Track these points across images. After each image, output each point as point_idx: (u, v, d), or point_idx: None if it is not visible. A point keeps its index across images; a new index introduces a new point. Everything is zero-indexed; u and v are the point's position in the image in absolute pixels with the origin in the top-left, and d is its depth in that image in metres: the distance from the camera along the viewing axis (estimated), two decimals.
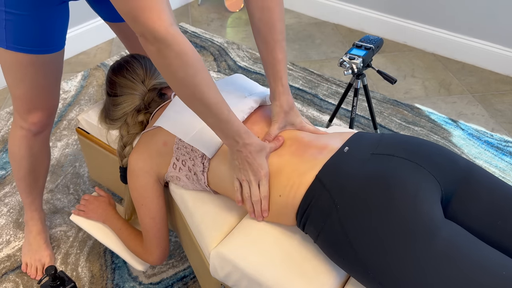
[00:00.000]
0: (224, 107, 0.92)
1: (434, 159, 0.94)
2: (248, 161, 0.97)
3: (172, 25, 0.81)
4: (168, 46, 0.81)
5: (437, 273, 0.80)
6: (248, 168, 0.98)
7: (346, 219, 0.88)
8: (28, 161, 1.36)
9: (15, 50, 1.12)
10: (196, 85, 0.86)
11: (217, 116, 0.92)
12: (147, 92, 1.24)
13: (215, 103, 0.90)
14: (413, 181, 0.89)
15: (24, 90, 1.20)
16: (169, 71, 0.85)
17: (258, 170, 0.98)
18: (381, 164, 0.92)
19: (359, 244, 0.86)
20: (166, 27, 0.80)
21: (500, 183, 0.95)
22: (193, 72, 0.85)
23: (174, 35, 0.81)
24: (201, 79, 0.86)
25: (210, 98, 0.89)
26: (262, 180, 0.99)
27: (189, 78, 0.85)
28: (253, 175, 0.98)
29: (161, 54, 0.82)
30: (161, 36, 0.80)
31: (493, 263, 0.80)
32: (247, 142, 0.96)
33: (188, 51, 0.83)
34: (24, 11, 1.08)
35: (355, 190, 0.89)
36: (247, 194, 1.01)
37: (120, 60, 1.28)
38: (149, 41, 0.82)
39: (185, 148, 1.10)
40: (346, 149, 0.98)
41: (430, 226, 0.83)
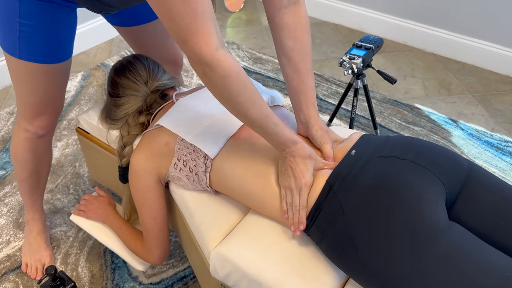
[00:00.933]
0: (270, 121, 0.94)
1: (439, 161, 0.94)
2: (292, 166, 0.97)
3: (218, 49, 0.85)
4: (213, 70, 0.85)
5: (441, 277, 0.80)
6: (290, 174, 0.97)
7: (352, 222, 0.88)
8: (32, 163, 1.36)
9: (28, 60, 1.13)
10: (240, 104, 0.90)
11: (263, 129, 0.95)
12: (150, 94, 1.24)
13: (259, 119, 0.93)
14: (418, 184, 0.89)
15: (36, 98, 1.22)
16: (215, 91, 0.90)
17: (299, 177, 0.96)
18: (387, 167, 0.92)
19: (364, 248, 0.86)
20: (212, 53, 0.84)
21: (502, 184, 0.95)
22: (237, 93, 0.88)
23: (220, 60, 0.85)
24: (245, 98, 0.90)
25: (254, 115, 0.92)
26: (302, 189, 0.96)
27: (232, 98, 0.89)
28: (294, 182, 0.97)
29: (207, 76, 0.87)
30: (207, 61, 0.84)
31: (496, 265, 0.80)
32: (292, 148, 0.97)
33: (232, 74, 0.87)
34: (37, 22, 1.09)
35: (361, 193, 0.90)
36: (288, 203, 0.99)
37: (122, 61, 1.27)
38: (196, 63, 0.86)
39: (187, 148, 1.10)
40: (353, 152, 0.99)
41: (435, 229, 0.83)
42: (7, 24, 1.09)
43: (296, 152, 0.96)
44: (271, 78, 2.44)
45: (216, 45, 0.84)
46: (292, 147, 0.96)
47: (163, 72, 1.27)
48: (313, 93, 1.10)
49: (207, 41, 0.83)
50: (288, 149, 0.97)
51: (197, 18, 0.82)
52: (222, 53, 0.85)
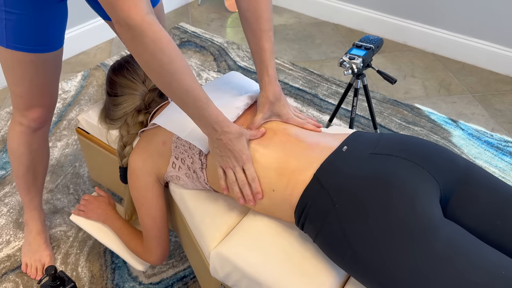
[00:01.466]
0: (202, 94, 0.92)
1: (433, 159, 0.94)
2: (229, 148, 0.98)
3: (148, 13, 0.82)
4: (143, 33, 0.82)
5: (435, 273, 0.80)
6: (230, 154, 0.99)
7: (345, 219, 0.88)
8: (28, 158, 1.36)
9: (15, 49, 1.13)
10: (172, 73, 0.87)
11: (195, 103, 0.92)
12: (148, 92, 1.24)
13: (192, 90, 0.90)
14: (412, 181, 0.89)
15: (24, 88, 1.21)
16: (144, 59, 0.86)
17: (240, 155, 0.99)
18: (380, 164, 0.92)
19: (358, 244, 0.86)
20: (142, 16, 0.81)
21: (499, 183, 0.95)
22: (168, 60, 0.85)
23: (150, 23, 0.82)
24: (177, 67, 0.87)
25: (187, 85, 0.89)
26: (245, 164, 0.99)
27: (164, 66, 0.86)
28: (235, 160, 0.99)
29: (136, 42, 0.83)
30: (136, 24, 0.81)
31: (492, 263, 0.80)
32: (226, 130, 0.97)
33: (163, 39, 0.84)
34: (23, 11, 1.08)
35: (354, 190, 0.89)
36: (232, 180, 1.01)
37: (120, 60, 1.28)
38: (124, 28, 0.83)
39: (183, 146, 1.10)
40: (345, 148, 0.98)
41: (429, 226, 0.83)
42: None
43: (230, 133, 0.97)
44: None
45: (146, 9, 0.82)
46: (224, 127, 0.96)
47: None
48: (267, 55, 1.08)
49: (136, 3, 0.81)
50: (220, 129, 0.96)
51: None
52: (152, 17, 0.83)
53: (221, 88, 1.21)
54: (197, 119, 0.97)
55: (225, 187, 1.04)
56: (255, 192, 1.01)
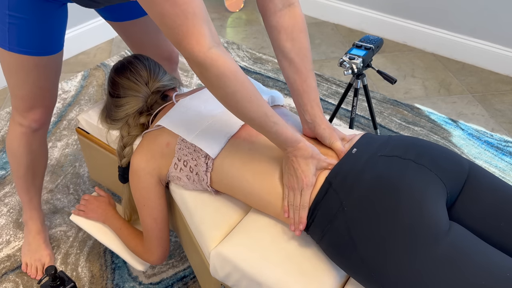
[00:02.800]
0: (269, 120, 0.93)
1: (440, 161, 0.94)
2: (294, 166, 0.97)
3: (211, 48, 0.85)
4: (207, 69, 0.86)
5: (441, 276, 0.80)
6: (293, 174, 0.97)
7: (353, 221, 0.88)
8: (28, 158, 1.37)
9: (18, 52, 1.14)
10: (237, 102, 0.90)
11: (262, 128, 0.95)
12: (151, 95, 1.24)
13: (258, 117, 0.93)
14: (419, 184, 0.89)
15: (26, 91, 1.22)
16: (212, 90, 0.90)
17: (301, 177, 0.95)
18: (388, 167, 0.92)
19: (364, 246, 0.86)
20: (205, 52, 0.84)
21: (503, 184, 0.95)
22: (232, 91, 0.89)
23: (213, 59, 0.85)
24: (241, 97, 0.90)
25: (252, 113, 0.92)
26: (304, 189, 0.95)
27: (229, 96, 0.90)
28: (296, 182, 0.96)
29: (203, 76, 0.88)
30: (200, 61, 0.85)
31: (496, 265, 0.80)
32: (295, 149, 0.96)
33: (227, 73, 0.87)
34: (26, 14, 1.10)
35: (363, 192, 0.90)
36: (290, 203, 0.98)
37: (123, 61, 1.27)
38: (192, 64, 0.87)
39: (188, 148, 1.10)
40: (354, 150, 0.99)
41: (435, 230, 0.83)
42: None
43: (298, 152, 0.96)
44: (271, 78, 2.44)
45: (209, 44, 0.84)
46: (294, 147, 0.96)
47: (164, 73, 1.27)
48: (316, 93, 1.09)
49: (198, 41, 0.83)
50: (290, 149, 0.96)
51: (187, 18, 0.82)
52: (216, 52, 0.85)
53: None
54: (268, 138, 0.98)
55: (286, 209, 0.99)
56: (299, 221, 0.96)
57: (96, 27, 2.71)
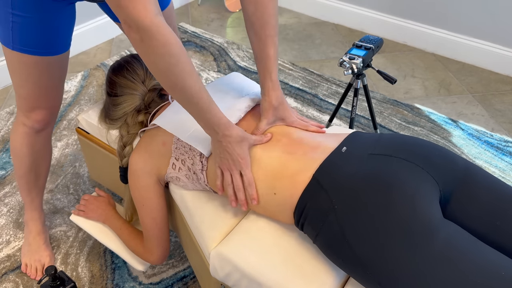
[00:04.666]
0: (205, 96, 0.93)
1: (432, 159, 0.94)
2: (228, 151, 0.99)
3: (157, 15, 0.83)
4: (152, 36, 0.83)
5: (435, 274, 0.80)
6: (228, 157, 1.00)
7: (344, 219, 0.88)
8: (30, 159, 1.36)
9: (21, 51, 1.13)
10: (178, 74, 0.88)
11: (198, 105, 0.94)
12: (147, 92, 1.24)
13: (195, 91, 0.91)
14: (411, 182, 0.89)
15: (28, 90, 1.22)
16: (152, 59, 0.87)
17: (238, 159, 0.99)
18: (379, 165, 0.92)
19: (357, 244, 0.86)
20: (151, 18, 0.82)
21: (499, 183, 0.94)
22: (175, 62, 0.87)
23: (159, 25, 0.83)
24: (183, 68, 0.88)
25: (191, 86, 0.91)
26: (243, 169, 1.00)
27: (171, 67, 0.87)
28: (233, 164, 1.00)
29: (144, 43, 0.84)
30: (146, 26, 0.82)
31: (491, 263, 0.80)
32: (227, 133, 0.98)
33: (172, 41, 0.85)
34: (30, 13, 1.09)
35: (353, 190, 0.89)
36: (228, 183, 1.02)
37: (120, 60, 1.28)
38: (133, 29, 0.83)
39: (184, 147, 1.10)
40: (344, 149, 0.98)
41: (429, 226, 0.83)
42: (1, 15, 1.10)
43: (230, 138, 0.98)
44: None
45: (155, 10, 0.83)
46: (225, 131, 0.97)
47: None
48: (271, 62, 1.09)
49: (145, 5, 0.81)
50: (221, 132, 0.97)
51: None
52: (161, 19, 0.84)
53: (222, 89, 1.21)
54: (199, 120, 0.98)
55: (220, 187, 1.05)
56: (251, 198, 1.02)
57: (96, 27, 2.72)
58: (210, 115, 0.95)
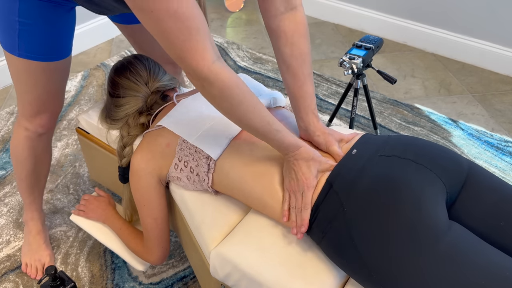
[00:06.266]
0: (272, 128, 0.94)
1: (439, 161, 0.94)
2: (295, 169, 0.97)
3: (214, 62, 0.85)
4: (211, 84, 0.86)
5: (440, 275, 0.80)
6: (294, 177, 0.97)
7: (352, 221, 0.88)
8: (31, 162, 1.37)
9: (27, 58, 1.14)
10: (241, 113, 0.91)
11: (265, 136, 0.95)
12: (150, 95, 1.24)
13: (261, 127, 0.93)
14: (418, 184, 0.89)
15: (35, 96, 1.23)
16: (215, 103, 0.90)
17: (302, 179, 0.95)
18: (388, 166, 0.92)
19: (364, 247, 0.86)
20: (209, 67, 0.84)
21: (503, 184, 0.95)
22: (237, 103, 0.89)
23: (217, 73, 0.85)
24: (246, 108, 0.91)
25: (255, 123, 0.93)
26: (305, 191, 0.95)
27: (233, 108, 0.90)
28: (297, 185, 0.96)
29: (206, 90, 0.88)
30: (204, 76, 0.85)
31: (496, 264, 0.80)
32: (296, 153, 0.97)
33: (231, 86, 0.87)
34: (36, 21, 1.10)
35: (362, 192, 0.90)
36: (292, 206, 0.97)
37: (123, 61, 1.27)
38: (194, 78, 0.87)
39: (189, 149, 1.10)
40: (355, 151, 0.99)
41: (435, 229, 0.83)
42: (7, 23, 1.10)
43: (299, 155, 0.96)
44: (271, 78, 2.44)
45: (212, 59, 0.85)
46: (295, 151, 0.97)
47: (163, 73, 1.27)
48: (312, 99, 1.09)
49: (203, 56, 0.84)
50: (291, 153, 0.97)
51: (191, 34, 0.82)
52: (219, 65, 0.86)
53: None
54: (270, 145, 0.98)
55: (286, 213, 0.98)
56: (301, 224, 0.95)
57: (96, 27, 2.71)
58: (279, 142, 0.96)
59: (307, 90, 1.08)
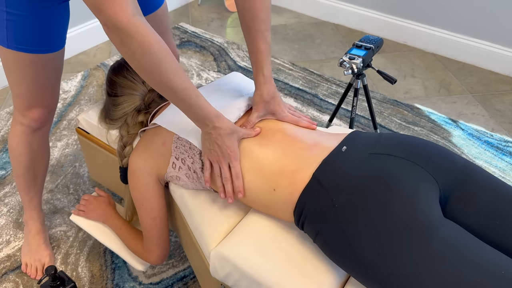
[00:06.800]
0: (192, 93, 0.94)
1: (432, 158, 0.94)
2: (218, 143, 1.00)
3: (135, 15, 0.83)
4: (131, 36, 0.83)
5: (435, 272, 0.80)
6: (217, 149, 1.01)
7: (345, 218, 0.88)
8: (28, 158, 1.36)
9: (16, 49, 1.13)
10: (162, 73, 0.89)
11: (185, 101, 0.94)
12: (148, 92, 1.24)
13: (181, 88, 0.92)
14: (411, 181, 0.89)
15: (25, 89, 1.21)
16: (134, 59, 0.87)
17: (227, 152, 1.00)
18: (379, 164, 0.92)
19: (358, 243, 0.86)
20: (129, 18, 0.82)
21: (499, 182, 0.95)
22: (157, 61, 0.87)
23: (137, 25, 0.83)
24: (166, 67, 0.88)
25: (177, 84, 0.91)
26: (232, 162, 1.01)
27: (154, 66, 0.87)
28: (222, 156, 1.01)
29: (124, 44, 0.85)
30: (123, 27, 0.82)
31: (491, 262, 0.80)
32: (217, 125, 0.99)
33: (151, 41, 0.85)
34: (24, 11, 1.08)
35: (354, 189, 0.89)
36: (217, 174, 1.03)
37: (120, 60, 1.28)
38: (112, 31, 0.84)
39: (183, 146, 1.10)
40: (344, 148, 0.98)
41: (428, 225, 0.83)
42: None
43: (220, 130, 0.99)
44: None
45: (133, 11, 0.83)
46: (215, 123, 0.98)
47: None
48: (262, 56, 1.10)
49: (122, 6, 0.81)
50: (211, 124, 0.98)
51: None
52: (139, 19, 0.84)
53: (222, 89, 1.21)
54: (188, 114, 0.99)
55: (208, 178, 1.06)
56: (237, 190, 1.03)
57: (96, 27, 2.72)
58: (199, 109, 0.96)
59: (258, 45, 1.09)
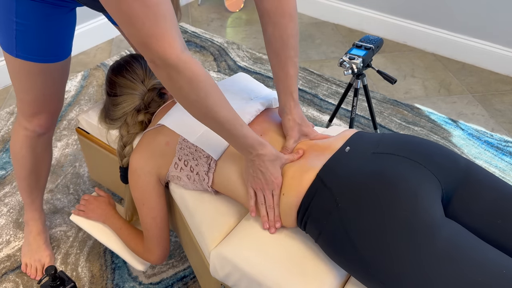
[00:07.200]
0: (237, 123, 0.93)
1: (434, 158, 0.94)
2: (261, 170, 0.98)
3: (183, 51, 0.83)
4: (180, 72, 0.83)
5: (437, 271, 0.80)
6: (261, 176, 0.99)
7: (347, 217, 0.88)
8: (31, 162, 1.36)
9: (24, 59, 1.13)
10: (208, 106, 0.89)
11: (231, 131, 0.94)
12: (147, 92, 1.24)
13: (227, 121, 0.92)
14: (413, 180, 0.89)
15: (33, 97, 1.22)
16: (181, 93, 0.87)
17: (271, 179, 0.99)
18: (382, 163, 0.93)
19: (360, 242, 0.86)
20: (178, 54, 0.82)
21: (500, 182, 0.95)
22: (204, 95, 0.87)
23: (186, 61, 0.83)
24: (213, 100, 0.89)
25: (222, 117, 0.91)
26: (275, 189, 1.00)
27: (201, 100, 0.88)
28: (265, 183, 0.99)
29: (172, 79, 0.85)
30: (173, 63, 0.82)
31: (492, 261, 0.81)
32: (260, 153, 0.97)
33: (200, 76, 0.85)
34: (34, 22, 1.09)
35: (356, 188, 0.90)
36: (261, 202, 1.02)
37: (119, 60, 1.28)
38: (160, 67, 0.83)
39: (189, 148, 1.10)
40: (348, 148, 0.99)
41: (431, 225, 0.83)
42: (5, 23, 1.09)
43: (264, 157, 0.98)
44: (271, 78, 2.44)
45: (181, 47, 0.83)
46: (259, 150, 0.97)
47: None
48: (292, 81, 1.09)
49: (170, 43, 0.81)
50: (255, 152, 0.97)
51: (158, 20, 0.79)
52: (188, 55, 0.84)
53: (230, 90, 1.21)
54: (232, 143, 0.98)
55: (253, 208, 1.04)
56: (276, 220, 1.02)
57: (96, 27, 2.72)
58: (244, 138, 0.95)
59: (287, 72, 1.09)
